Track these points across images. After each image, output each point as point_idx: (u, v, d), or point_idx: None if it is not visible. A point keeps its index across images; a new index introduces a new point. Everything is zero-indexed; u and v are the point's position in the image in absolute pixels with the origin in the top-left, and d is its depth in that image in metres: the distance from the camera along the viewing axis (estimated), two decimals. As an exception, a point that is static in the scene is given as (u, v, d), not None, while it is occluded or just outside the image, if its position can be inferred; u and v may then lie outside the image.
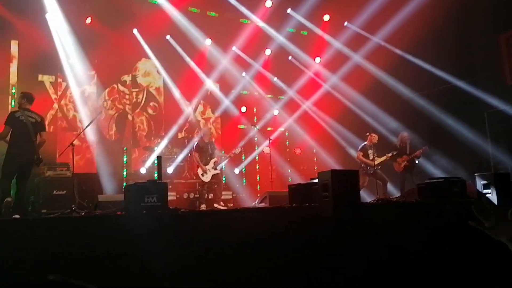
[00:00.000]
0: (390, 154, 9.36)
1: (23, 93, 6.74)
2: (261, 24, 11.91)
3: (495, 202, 5.65)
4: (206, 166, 9.07)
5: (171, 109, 11.84)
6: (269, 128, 12.71)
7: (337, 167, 11.28)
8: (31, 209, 7.02)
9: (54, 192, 7.57)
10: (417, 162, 9.30)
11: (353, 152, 11.22)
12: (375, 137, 9.63)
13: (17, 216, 5.74)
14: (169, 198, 5.62)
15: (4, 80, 9.78)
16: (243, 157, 11.67)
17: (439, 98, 10.48)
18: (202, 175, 9.06)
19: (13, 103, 9.70)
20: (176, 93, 11.80)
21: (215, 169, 9.18)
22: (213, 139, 10.10)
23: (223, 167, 11.31)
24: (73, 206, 5.95)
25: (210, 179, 9.08)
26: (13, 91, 9.85)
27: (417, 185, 6.12)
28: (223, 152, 9.96)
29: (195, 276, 4.13)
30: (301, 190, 5.71)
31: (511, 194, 5.67)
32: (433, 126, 10.19)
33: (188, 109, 11.93)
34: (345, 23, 11.68)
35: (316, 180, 5.32)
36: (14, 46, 10.00)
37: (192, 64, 11.67)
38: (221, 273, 4.21)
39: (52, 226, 3.97)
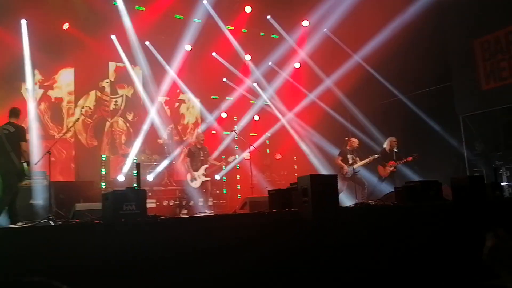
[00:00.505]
0: (372, 158, 9.39)
1: (10, 108, 6.78)
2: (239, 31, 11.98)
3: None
4: (196, 173, 8.94)
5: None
6: (252, 134, 12.69)
7: (317, 172, 11.34)
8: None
9: (31, 201, 7.43)
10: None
11: (327, 156, 11.33)
12: (355, 142, 9.69)
13: None
14: (149, 205, 5.57)
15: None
16: (223, 167, 11.53)
17: (415, 102, 10.67)
18: (191, 181, 8.93)
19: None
20: (146, 100, 11.63)
21: (206, 176, 9.06)
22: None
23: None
24: (50, 215, 5.84)
25: (199, 186, 8.94)
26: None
27: (394, 188, 6.21)
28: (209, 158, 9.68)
29: (174, 281, 4.10)
30: (281, 195, 5.70)
31: (485, 197, 5.80)
32: (409, 130, 10.36)
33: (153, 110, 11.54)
34: (324, 30, 11.81)
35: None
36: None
37: (170, 71, 11.60)
38: (201, 277, 4.19)
39: (28, 235, 3.89)
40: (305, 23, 12.01)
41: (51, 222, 5.42)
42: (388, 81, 11.09)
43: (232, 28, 11.91)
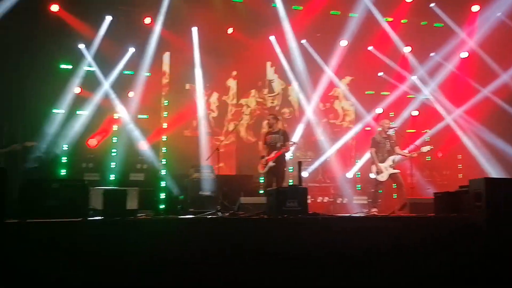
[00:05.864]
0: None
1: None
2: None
3: None
4: (382, 164, 8.23)
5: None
6: (409, 130, 11.93)
7: (486, 174, 10.16)
8: (181, 207, 7.71)
9: (200, 192, 8.22)
10: None
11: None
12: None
13: None
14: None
15: (157, 91, 10.95)
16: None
17: None
18: (377, 173, 8.28)
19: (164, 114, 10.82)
20: (302, 97, 11.74)
21: (394, 168, 8.27)
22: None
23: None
24: (218, 206, 6.38)
25: (387, 179, 8.27)
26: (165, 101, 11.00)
27: None
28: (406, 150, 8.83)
29: (326, 277, 4.12)
30: (449, 199, 5.28)
31: None
32: None
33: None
34: (498, 14, 10.50)
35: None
36: (166, 58, 11.09)
37: (326, 67, 11.57)
38: (352, 279, 4.13)
39: (203, 225, 4.31)
40: (475, 7, 10.83)
41: (219, 213, 5.93)
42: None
43: (391, 19, 11.38)
